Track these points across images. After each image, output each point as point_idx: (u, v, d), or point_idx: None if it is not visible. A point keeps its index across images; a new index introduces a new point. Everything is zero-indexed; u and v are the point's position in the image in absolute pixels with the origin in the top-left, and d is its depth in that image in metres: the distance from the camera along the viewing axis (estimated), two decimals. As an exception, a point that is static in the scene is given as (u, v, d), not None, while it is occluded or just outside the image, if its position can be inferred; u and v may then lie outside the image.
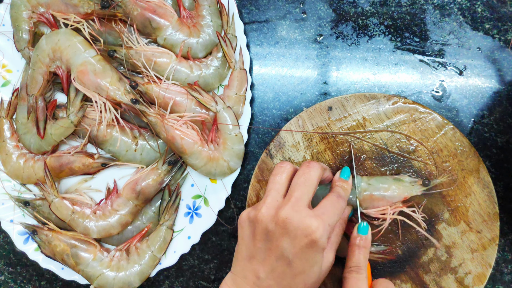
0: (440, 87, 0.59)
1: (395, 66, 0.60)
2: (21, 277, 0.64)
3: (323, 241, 0.44)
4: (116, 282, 0.57)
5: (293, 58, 0.62)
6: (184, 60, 0.58)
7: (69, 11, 0.57)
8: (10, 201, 0.61)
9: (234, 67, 0.58)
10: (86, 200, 0.60)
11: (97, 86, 0.56)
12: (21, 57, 0.62)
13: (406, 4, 0.61)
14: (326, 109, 0.57)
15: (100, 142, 0.59)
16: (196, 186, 0.60)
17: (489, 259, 0.54)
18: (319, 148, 0.57)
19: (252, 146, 0.61)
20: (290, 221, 0.44)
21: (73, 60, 0.56)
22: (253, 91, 0.62)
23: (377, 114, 0.57)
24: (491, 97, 0.59)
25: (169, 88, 0.57)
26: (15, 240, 0.60)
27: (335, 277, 0.55)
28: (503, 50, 0.59)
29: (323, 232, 0.44)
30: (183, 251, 0.59)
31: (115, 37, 0.60)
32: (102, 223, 0.58)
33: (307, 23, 0.62)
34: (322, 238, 0.44)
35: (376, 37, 0.61)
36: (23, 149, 0.62)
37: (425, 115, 0.56)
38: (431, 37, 0.60)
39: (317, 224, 0.44)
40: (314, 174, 0.48)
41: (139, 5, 0.56)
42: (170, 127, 0.56)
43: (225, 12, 0.58)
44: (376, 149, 0.56)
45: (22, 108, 0.60)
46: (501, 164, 0.58)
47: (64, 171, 0.59)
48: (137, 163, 0.59)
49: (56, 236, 0.58)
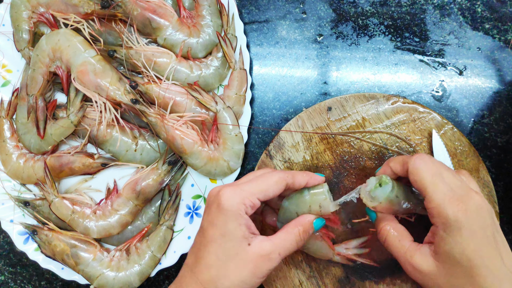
0: (440, 87, 0.59)
1: (395, 66, 0.60)
2: (21, 277, 0.64)
3: (231, 204, 0.43)
4: (116, 282, 0.57)
5: (293, 58, 0.62)
6: (184, 60, 0.58)
7: (69, 11, 0.57)
8: (10, 201, 0.61)
9: (234, 67, 0.58)
10: (86, 200, 0.60)
11: (97, 86, 0.56)
12: (21, 57, 0.62)
13: (406, 4, 0.61)
14: (326, 109, 0.57)
15: (100, 142, 0.59)
16: (196, 186, 0.60)
17: (489, 259, 0.54)
18: (318, 148, 0.57)
19: (252, 146, 0.61)
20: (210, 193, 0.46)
21: (73, 60, 0.56)
22: (253, 91, 0.62)
23: (377, 114, 0.57)
24: (491, 97, 0.59)
25: (169, 88, 0.57)
26: (15, 240, 0.60)
27: (335, 277, 0.55)
28: (503, 50, 0.59)
29: (231, 196, 0.43)
30: (183, 251, 0.59)
31: (115, 37, 0.60)
32: (102, 223, 0.58)
33: (307, 23, 0.62)
34: (228, 201, 0.43)
35: (376, 37, 0.61)
36: (23, 149, 0.62)
37: (425, 115, 0.56)
38: (431, 37, 0.60)
39: (227, 190, 0.44)
40: (274, 176, 0.46)
41: (139, 5, 0.56)
42: (170, 127, 0.56)
43: (225, 12, 0.58)
44: (375, 149, 0.56)
45: (22, 108, 0.60)
46: (501, 164, 0.58)
47: (64, 171, 0.59)
48: (137, 163, 0.59)
49: (56, 236, 0.58)
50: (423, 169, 0.43)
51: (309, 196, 0.47)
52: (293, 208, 0.48)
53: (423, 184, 0.42)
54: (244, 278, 0.43)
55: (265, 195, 0.45)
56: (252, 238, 0.44)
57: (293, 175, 0.47)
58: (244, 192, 0.44)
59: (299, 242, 0.46)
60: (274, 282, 0.55)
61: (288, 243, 0.45)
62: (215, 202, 0.44)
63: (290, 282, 0.55)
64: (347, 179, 0.56)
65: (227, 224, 0.43)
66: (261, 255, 0.43)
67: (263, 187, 0.45)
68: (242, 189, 0.44)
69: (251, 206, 0.44)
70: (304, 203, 0.47)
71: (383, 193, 0.45)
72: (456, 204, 0.41)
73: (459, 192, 0.42)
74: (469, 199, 0.41)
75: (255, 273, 0.43)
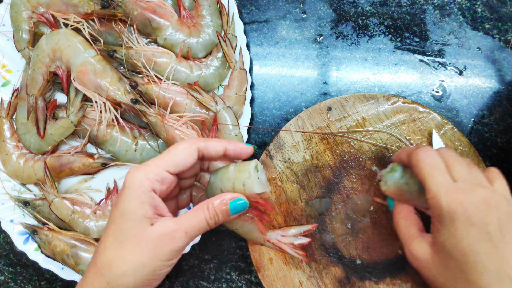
0: (440, 87, 0.59)
1: (395, 66, 0.60)
2: (21, 277, 0.64)
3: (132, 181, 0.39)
4: (116, 282, 0.57)
5: (293, 58, 0.62)
6: (184, 60, 0.58)
7: (69, 11, 0.57)
8: (10, 201, 0.61)
9: (234, 67, 0.58)
10: (86, 200, 0.60)
11: (97, 86, 0.56)
12: (21, 57, 0.62)
13: (406, 4, 0.61)
14: (326, 109, 0.57)
15: (100, 142, 0.59)
16: (196, 186, 0.60)
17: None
18: (318, 148, 0.57)
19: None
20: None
21: (73, 60, 0.56)
22: (253, 91, 0.62)
23: (377, 114, 0.57)
24: (491, 97, 0.59)
25: (169, 88, 0.57)
26: (15, 240, 0.60)
27: (335, 277, 0.55)
28: (503, 50, 0.59)
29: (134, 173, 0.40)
30: (183, 251, 0.59)
31: (115, 37, 0.60)
32: (102, 223, 0.58)
33: (307, 23, 0.62)
34: (131, 178, 0.39)
35: (376, 37, 0.61)
36: (23, 149, 0.62)
37: (425, 115, 0.56)
38: (431, 37, 0.60)
39: (133, 168, 0.40)
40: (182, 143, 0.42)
41: (139, 5, 0.56)
42: (170, 127, 0.56)
43: (225, 12, 0.58)
44: (375, 149, 0.56)
45: (22, 108, 0.60)
46: (501, 164, 0.58)
47: (64, 171, 0.59)
48: (137, 163, 0.59)
49: (56, 236, 0.58)
50: (424, 161, 0.43)
51: (233, 172, 0.42)
52: (218, 184, 0.43)
53: (423, 176, 0.42)
54: (143, 260, 0.39)
55: (174, 165, 0.41)
56: (156, 219, 0.40)
57: (205, 140, 0.43)
58: (149, 167, 0.40)
59: (210, 220, 0.41)
60: (274, 282, 0.55)
61: (195, 220, 0.40)
62: (122, 185, 0.41)
63: (290, 282, 0.55)
64: (347, 179, 0.56)
65: (126, 202, 0.39)
66: (163, 234, 0.39)
67: (170, 157, 0.41)
68: (147, 164, 0.40)
69: (159, 180, 0.40)
70: (227, 179, 0.42)
71: (391, 178, 0.47)
72: (453, 195, 0.40)
73: (463, 185, 0.41)
74: (471, 191, 0.40)
75: (155, 254, 0.39)
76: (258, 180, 0.42)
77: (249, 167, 0.42)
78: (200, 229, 0.41)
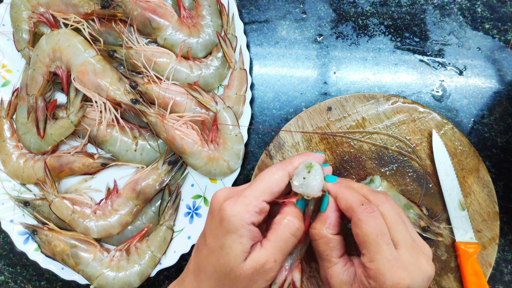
0: (440, 87, 0.59)
1: (395, 66, 0.60)
2: (21, 277, 0.64)
3: (233, 216, 0.39)
4: (116, 282, 0.57)
5: (293, 58, 0.62)
6: (184, 60, 0.58)
7: (69, 11, 0.57)
8: (10, 201, 0.61)
9: (234, 67, 0.58)
10: (86, 200, 0.60)
11: (97, 86, 0.56)
12: (21, 57, 0.62)
13: (406, 4, 0.61)
14: (326, 109, 0.57)
15: (100, 142, 0.59)
16: (196, 186, 0.60)
17: (489, 258, 0.54)
18: (318, 148, 0.57)
19: (252, 146, 0.61)
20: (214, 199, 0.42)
21: (73, 60, 0.56)
22: (253, 91, 0.62)
23: (377, 114, 0.57)
24: (491, 97, 0.59)
25: (169, 88, 0.57)
26: (15, 240, 0.60)
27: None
28: (503, 50, 0.59)
29: (233, 207, 0.40)
30: (183, 251, 0.59)
31: (115, 37, 0.60)
32: (102, 223, 0.58)
33: (307, 23, 0.62)
34: (231, 214, 0.39)
35: (376, 37, 0.61)
36: (23, 149, 0.62)
37: (425, 115, 0.56)
38: (431, 37, 0.60)
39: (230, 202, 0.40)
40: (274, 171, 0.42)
41: (139, 5, 0.56)
42: (170, 127, 0.56)
43: (225, 12, 0.58)
44: (375, 149, 0.56)
45: (22, 108, 0.60)
46: (501, 164, 0.58)
47: (64, 171, 0.59)
48: (137, 163, 0.59)
49: (56, 236, 0.58)
50: (370, 224, 0.39)
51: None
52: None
53: (366, 241, 0.39)
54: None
55: (271, 194, 0.41)
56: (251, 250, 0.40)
57: (291, 162, 0.43)
58: (247, 199, 0.40)
59: (296, 232, 0.41)
60: (274, 282, 0.55)
61: (281, 242, 0.40)
62: (219, 215, 0.41)
63: (290, 282, 0.55)
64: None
65: (226, 237, 0.40)
66: (256, 270, 0.39)
67: (265, 186, 0.41)
68: (245, 196, 0.40)
69: (258, 212, 0.40)
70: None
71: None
72: (399, 274, 0.37)
73: (406, 258, 0.38)
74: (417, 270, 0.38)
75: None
76: (319, 180, 0.42)
77: (302, 167, 0.42)
78: (289, 249, 0.41)
